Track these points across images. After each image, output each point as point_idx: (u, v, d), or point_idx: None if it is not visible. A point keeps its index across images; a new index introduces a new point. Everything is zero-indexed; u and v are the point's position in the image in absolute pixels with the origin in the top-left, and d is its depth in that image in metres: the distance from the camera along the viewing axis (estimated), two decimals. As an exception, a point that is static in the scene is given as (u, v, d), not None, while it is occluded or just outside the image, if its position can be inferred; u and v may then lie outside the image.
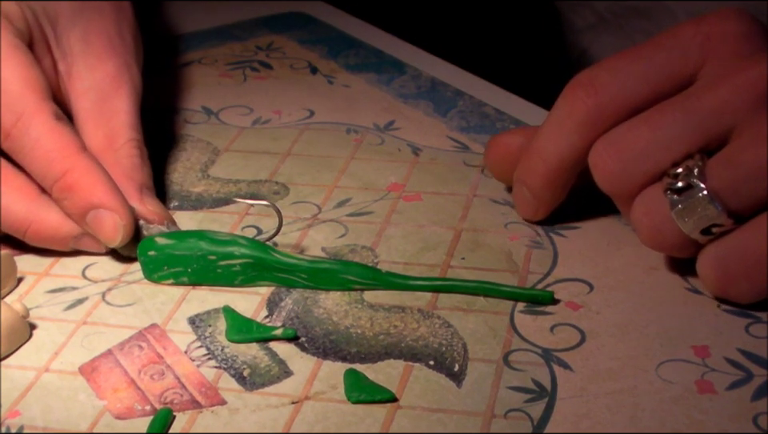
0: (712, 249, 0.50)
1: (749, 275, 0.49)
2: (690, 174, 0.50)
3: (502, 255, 0.55)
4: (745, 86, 0.50)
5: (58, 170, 0.54)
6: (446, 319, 0.51)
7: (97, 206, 0.54)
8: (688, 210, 0.50)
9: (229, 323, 0.51)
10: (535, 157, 0.55)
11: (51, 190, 0.55)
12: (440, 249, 0.56)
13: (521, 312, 0.51)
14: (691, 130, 0.50)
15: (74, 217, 0.55)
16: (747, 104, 0.50)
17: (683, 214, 0.50)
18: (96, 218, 0.54)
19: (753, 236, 0.49)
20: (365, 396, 0.47)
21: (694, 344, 0.49)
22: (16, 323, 0.50)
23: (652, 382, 0.47)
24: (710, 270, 0.50)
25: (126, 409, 0.46)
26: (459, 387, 0.47)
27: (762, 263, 0.49)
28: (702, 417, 0.45)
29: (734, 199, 0.49)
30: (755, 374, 0.47)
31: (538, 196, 0.56)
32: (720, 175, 0.49)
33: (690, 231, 0.50)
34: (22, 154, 0.55)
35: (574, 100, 0.53)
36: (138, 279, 0.55)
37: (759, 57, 0.51)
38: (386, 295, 0.53)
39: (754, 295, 0.50)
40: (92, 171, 0.54)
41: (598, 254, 0.55)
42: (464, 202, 0.60)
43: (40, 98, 0.56)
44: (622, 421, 0.45)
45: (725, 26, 0.52)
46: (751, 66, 0.50)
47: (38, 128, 0.55)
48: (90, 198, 0.54)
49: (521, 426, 0.45)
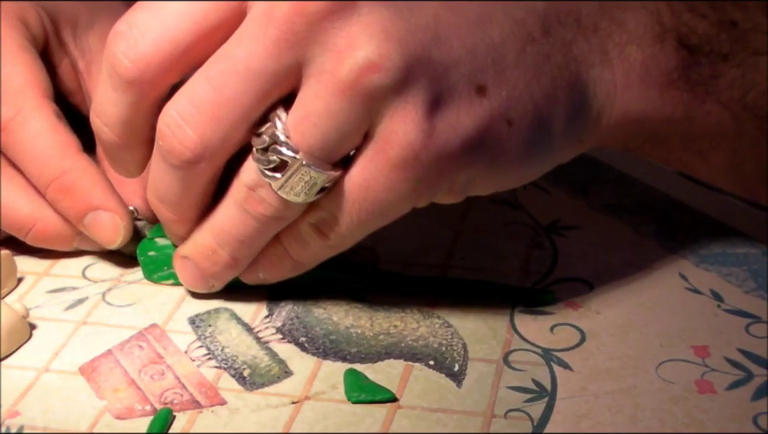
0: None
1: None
2: (277, 143, 0.46)
3: (501, 255, 0.55)
4: (293, 14, 0.45)
5: (56, 170, 0.54)
6: (446, 319, 0.51)
7: (96, 208, 0.54)
8: (293, 184, 0.46)
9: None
10: (96, 121, 0.50)
11: (46, 190, 0.54)
12: (440, 249, 0.56)
13: (521, 312, 0.51)
14: (255, 79, 0.46)
15: (72, 219, 0.54)
16: (302, 33, 0.45)
17: (289, 189, 0.47)
18: (95, 220, 0.54)
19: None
20: (365, 396, 0.47)
21: (694, 344, 0.49)
22: (16, 323, 0.50)
23: (652, 382, 0.47)
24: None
25: (125, 409, 0.46)
26: (459, 387, 0.47)
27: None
28: (702, 417, 0.45)
29: (330, 152, 0.46)
30: (755, 374, 0.47)
31: (121, 163, 0.52)
32: (305, 134, 0.46)
33: (303, 199, 0.47)
34: (18, 150, 0.54)
35: (114, 54, 0.48)
36: (137, 279, 0.54)
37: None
38: (386, 295, 0.53)
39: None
40: (91, 172, 0.54)
41: (598, 254, 0.55)
42: (464, 202, 0.59)
43: (41, 96, 0.55)
44: (622, 421, 0.45)
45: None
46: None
47: (37, 124, 0.54)
48: (90, 199, 0.53)
49: (521, 426, 0.45)
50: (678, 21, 0.50)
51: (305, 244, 0.49)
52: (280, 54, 0.46)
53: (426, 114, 0.46)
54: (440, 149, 0.46)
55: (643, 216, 0.58)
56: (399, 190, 0.47)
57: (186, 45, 0.47)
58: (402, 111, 0.46)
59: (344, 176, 0.47)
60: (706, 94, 0.50)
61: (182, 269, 0.52)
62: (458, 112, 0.46)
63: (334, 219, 0.48)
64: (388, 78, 0.45)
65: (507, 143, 0.47)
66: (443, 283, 0.53)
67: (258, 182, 0.47)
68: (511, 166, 0.49)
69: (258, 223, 0.48)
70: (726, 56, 0.50)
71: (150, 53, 0.47)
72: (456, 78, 0.46)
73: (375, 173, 0.46)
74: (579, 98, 0.49)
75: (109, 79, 0.49)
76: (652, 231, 0.57)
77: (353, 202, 0.47)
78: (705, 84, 0.50)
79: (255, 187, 0.48)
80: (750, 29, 0.50)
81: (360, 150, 0.47)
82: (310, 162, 0.46)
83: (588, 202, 0.58)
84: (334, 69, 0.45)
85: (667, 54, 0.50)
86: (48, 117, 0.55)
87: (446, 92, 0.46)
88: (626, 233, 0.56)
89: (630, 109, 0.50)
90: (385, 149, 0.46)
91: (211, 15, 0.47)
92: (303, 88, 0.46)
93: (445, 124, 0.46)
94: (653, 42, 0.50)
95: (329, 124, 0.46)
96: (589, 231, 0.57)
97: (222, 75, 0.46)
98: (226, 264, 0.50)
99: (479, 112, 0.47)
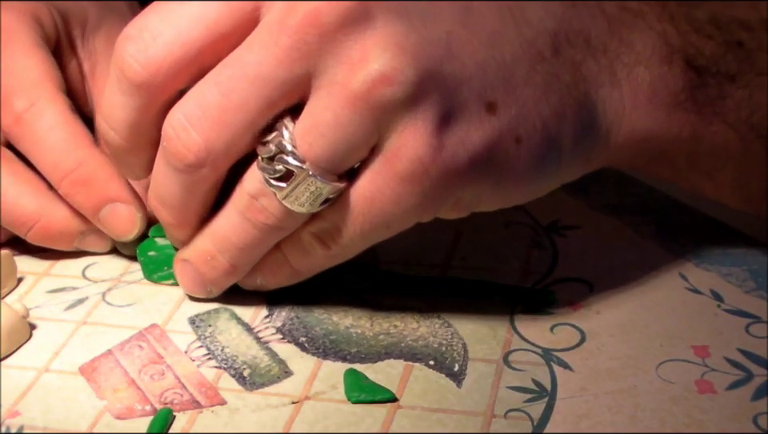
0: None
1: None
2: (283, 152, 0.46)
3: (501, 255, 0.55)
4: (306, 24, 0.45)
5: (71, 162, 0.53)
6: (446, 319, 0.51)
7: (113, 200, 0.53)
8: (297, 194, 0.46)
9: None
10: (103, 125, 0.50)
11: (61, 183, 0.54)
12: (440, 249, 0.56)
13: (521, 312, 0.51)
14: (264, 87, 0.46)
15: (87, 212, 0.54)
16: (315, 44, 0.45)
17: (294, 199, 0.47)
18: (112, 212, 0.54)
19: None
20: (365, 396, 0.47)
21: (694, 344, 0.49)
22: (16, 323, 0.50)
23: (652, 382, 0.47)
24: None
25: (126, 409, 0.46)
26: (459, 387, 0.47)
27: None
28: (702, 417, 0.45)
29: (337, 164, 0.46)
30: (755, 374, 0.47)
31: (127, 166, 0.51)
32: (312, 145, 0.46)
33: (308, 210, 0.47)
34: (32, 142, 0.54)
35: (123, 57, 0.47)
36: (137, 279, 0.54)
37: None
38: (386, 295, 0.53)
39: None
40: (106, 164, 0.54)
41: (598, 254, 0.55)
42: (464, 203, 0.60)
43: (57, 89, 0.55)
44: (622, 421, 0.45)
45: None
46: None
47: (52, 116, 0.54)
48: (107, 191, 0.53)
49: (521, 426, 0.45)
50: (686, 42, 0.50)
51: (305, 253, 0.49)
52: (291, 63, 0.46)
53: (436, 129, 0.46)
54: (448, 164, 0.46)
55: (643, 216, 0.58)
56: (405, 203, 0.47)
57: (198, 50, 0.47)
58: (412, 125, 0.46)
59: (349, 188, 0.47)
60: (713, 114, 0.51)
61: (181, 273, 0.52)
62: (468, 128, 0.46)
63: (337, 230, 0.48)
64: (400, 92, 0.45)
65: (515, 161, 0.48)
66: (443, 283, 0.53)
67: (261, 190, 0.47)
68: (518, 184, 0.49)
69: (259, 232, 0.48)
70: (733, 77, 0.50)
71: (161, 57, 0.47)
72: (467, 95, 0.46)
73: (382, 186, 0.46)
74: (588, 117, 0.49)
75: (117, 83, 0.48)
76: (652, 231, 0.57)
77: (357, 213, 0.47)
78: (712, 105, 0.51)
79: (258, 196, 0.48)
80: (756, 49, 0.50)
81: (366, 163, 0.47)
82: (316, 172, 0.46)
83: (588, 202, 0.58)
84: (346, 80, 0.45)
85: (675, 74, 0.50)
86: (63, 109, 0.55)
87: (456, 108, 0.46)
88: (627, 233, 0.56)
89: (637, 129, 0.51)
90: (393, 162, 0.46)
91: (223, 21, 0.47)
92: (312, 98, 0.46)
93: (454, 140, 0.46)
94: (661, 63, 0.50)
95: (337, 135, 0.46)
96: (589, 231, 0.57)
97: (231, 81, 0.46)
98: (225, 271, 0.50)
99: (488, 129, 0.47)
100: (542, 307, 0.52)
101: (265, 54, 0.46)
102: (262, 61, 0.46)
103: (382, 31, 0.45)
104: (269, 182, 0.47)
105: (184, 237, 0.51)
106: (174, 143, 0.47)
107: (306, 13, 0.45)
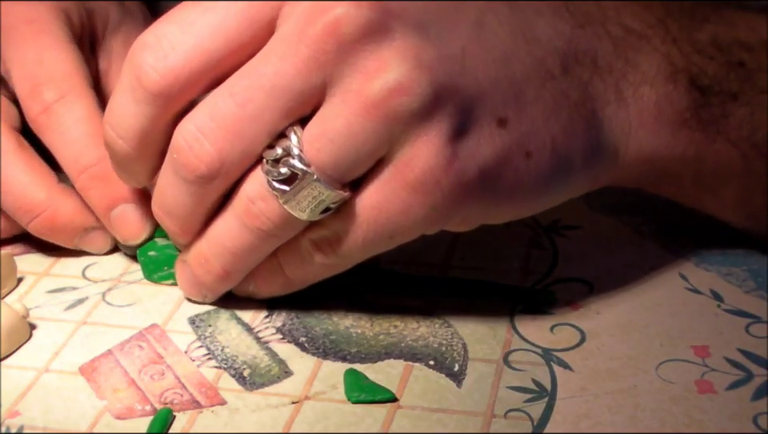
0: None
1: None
2: (290, 155, 0.46)
3: (501, 255, 0.55)
4: (326, 34, 0.45)
5: (93, 157, 0.54)
6: (446, 319, 0.51)
7: (127, 201, 0.54)
8: (300, 199, 0.46)
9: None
10: (110, 133, 0.49)
11: (79, 176, 0.54)
12: (440, 249, 0.56)
13: (521, 312, 0.51)
14: (281, 97, 0.46)
15: (99, 209, 0.54)
16: (332, 54, 0.45)
17: (295, 203, 0.46)
18: (123, 213, 0.54)
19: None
20: (365, 396, 0.47)
21: (694, 344, 0.49)
22: (16, 323, 0.50)
23: (652, 382, 0.47)
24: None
25: (126, 409, 0.46)
26: (459, 387, 0.47)
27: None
28: (702, 417, 0.45)
29: (343, 172, 0.46)
30: (755, 374, 0.47)
31: (131, 173, 0.51)
32: (320, 150, 0.46)
33: (308, 216, 0.47)
34: (57, 133, 0.54)
35: (140, 66, 0.47)
36: (137, 279, 0.55)
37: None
38: (386, 295, 0.53)
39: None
40: None
41: (597, 254, 0.55)
42: (464, 202, 0.60)
43: (86, 84, 0.56)
44: (622, 421, 0.45)
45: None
46: (329, 7, 0.45)
47: (80, 110, 0.54)
48: (123, 191, 0.53)
49: (521, 426, 0.45)
50: (689, 62, 0.51)
51: (302, 261, 0.49)
52: (309, 73, 0.46)
53: (449, 141, 0.46)
54: (459, 177, 0.46)
55: (644, 216, 0.58)
56: (414, 214, 0.47)
57: (216, 60, 0.47)
58: (425, 136, 0.46)
59: (355, 197, 0.47)
60: (716, 133, 0.51)
61: (180, 273, 0.52)
62: (479, 142, 0.47)
63: (338, 239, 0.48)
64: (416, 103, 0.45)
65: (525, 175, 0.48)
66: (443, 283, 0.53)
67: (261, 194, 0.47)
68: (527, 198, 0.49)
69: (254, 237, 0.48)
70: (736, 95, 0.51)
71: (180, 66, 0.47)
72: (479, 109, 0.47)
73: (391, 195, 0.46)
74: (596, 134, 0.50)
75: (131, 91, 0.48)
76: (652, 231, 0.57)
77: (362, 222, 0.47)
78: (715, 123, 0.51)
79: (257, 199, 0.47)
80: (757, 69, 0.51)
81: (374, 173, 0.47)
82: (321, 178, 0.46)
83: (588, 202, 0.58)
84: (361, 88, 0.45)
85: (679, 94, 0.51)
86: (90, 104, 0.55)
87: (468, 122, 0.47)
88: (626, 233, 0.56)
89: (643, 147, 0.51)
90: (404, 172, 0.46)
91: (243, 31, 0.47)
92: (325, 106, 0.46)
93: (466, 153, 0.46)
94: (665, 83, 0.51)
95: (347, 143, 0.46)
96: (589, 231, 0.57)
97: (247, 91, 0.46)
98: (218, 276, 0.50)
99: (499, 143, 0.47)
100: (542, 307, 0.52)
101: (283, 64, 0.46)
102: (279, 71, 0.46)
103: (400, 43, 0.46)
104: (271, 184, 0.47)
105: (189, 243, 0.51)
106: (185, 154, 0.47)
107: (326, 24, 0.45)
